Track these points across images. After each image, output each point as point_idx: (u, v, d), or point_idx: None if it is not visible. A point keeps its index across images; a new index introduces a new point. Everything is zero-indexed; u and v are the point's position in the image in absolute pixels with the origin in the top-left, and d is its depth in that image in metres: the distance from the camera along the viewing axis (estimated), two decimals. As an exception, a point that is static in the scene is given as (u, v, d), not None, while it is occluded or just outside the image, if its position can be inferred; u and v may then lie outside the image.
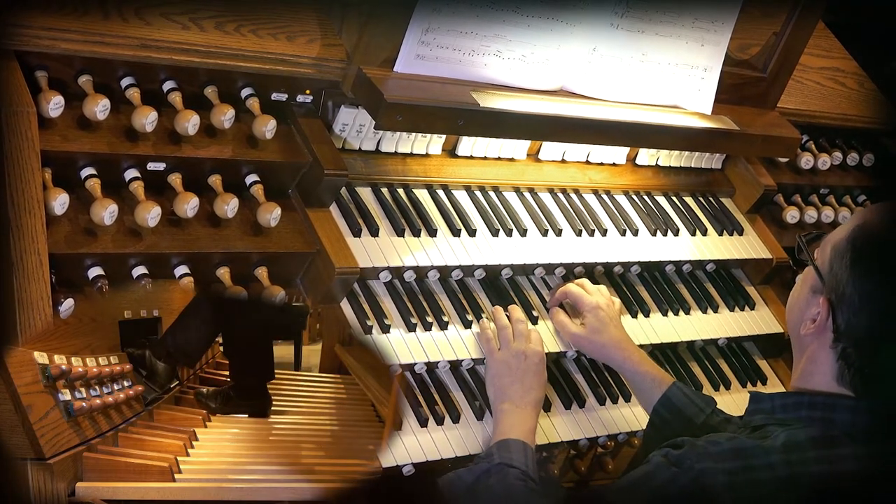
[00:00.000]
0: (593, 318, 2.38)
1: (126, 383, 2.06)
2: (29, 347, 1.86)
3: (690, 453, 1.71)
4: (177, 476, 1.94)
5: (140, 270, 2.10)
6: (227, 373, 2.56)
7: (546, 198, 2.69)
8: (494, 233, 2.52)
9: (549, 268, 2.57)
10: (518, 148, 2.67)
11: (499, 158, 2.65)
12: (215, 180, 2.20)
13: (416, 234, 2.39)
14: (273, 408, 2.48)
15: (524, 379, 2.21)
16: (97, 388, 1.96)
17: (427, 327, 2.31)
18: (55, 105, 1.98)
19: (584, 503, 1.84)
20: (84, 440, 1.89)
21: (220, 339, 2.45)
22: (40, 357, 1.87)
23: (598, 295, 2.44)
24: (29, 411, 1.80)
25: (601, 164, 2.83)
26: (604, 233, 2.70)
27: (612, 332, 2.36)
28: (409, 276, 2.36)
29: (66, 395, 1.87)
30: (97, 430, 1.93)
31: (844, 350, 1.79)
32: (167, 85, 2.15)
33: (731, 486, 1.67)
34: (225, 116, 2.17)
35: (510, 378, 2.22)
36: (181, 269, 2.13)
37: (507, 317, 2.36)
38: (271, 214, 2.20)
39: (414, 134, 2.47)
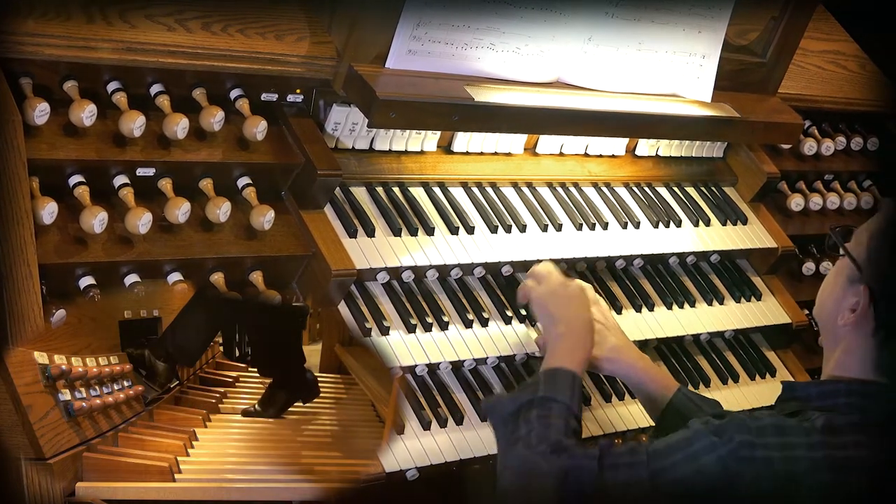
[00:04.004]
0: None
1: (126, 383, 2.05)
2: (29, 347, 1.85)
3: (731, 425, 1.69)
4: (177, 476, 1.94)
5: (132, 278, 2.08)
6: (227, 372, 2.59)
7: (545, 192, 2.66)
8: (493, 230, 2.48)
9: (550, 263, 2.53)
10: (515, 142, 2.63)
11: (495, 153, 2.62)
12: (206, 184, 2.17)
13: (413, 233, 2.36)
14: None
15: (571, 303, 2.15)
16: (97, 388, 1.96)
17: (427, 328, 2.28)
18: (41, 112, 1.95)
19: (621, 457, 1.77)
20: (84, 440, 1.88)
21: (219, 339, 2.45)
22: (40, 357, 1.86)
23: (595, 308, 2.32)
24: (29, 411, 1.79)
25: (600, 156, 2.80)
26: (605, 226, 2.66)
27: (610, 342, 2.30)
28: (408, 276, 2.32)
29: (66, 395, 1.87)
30: (97, 430, 1.92)
31: (887, 338, 1.77)
32: (154, 88, 2.12)
33: (768, 461, 1.66)
34: (214, 119, 2.14)
35: (557, 304, 2.15)
36: (174, 276, 2.10)
37: None
38: (264, 217, 2.17)
39: (408, 131, 2.44)
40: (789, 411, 1.82)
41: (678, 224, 2.81)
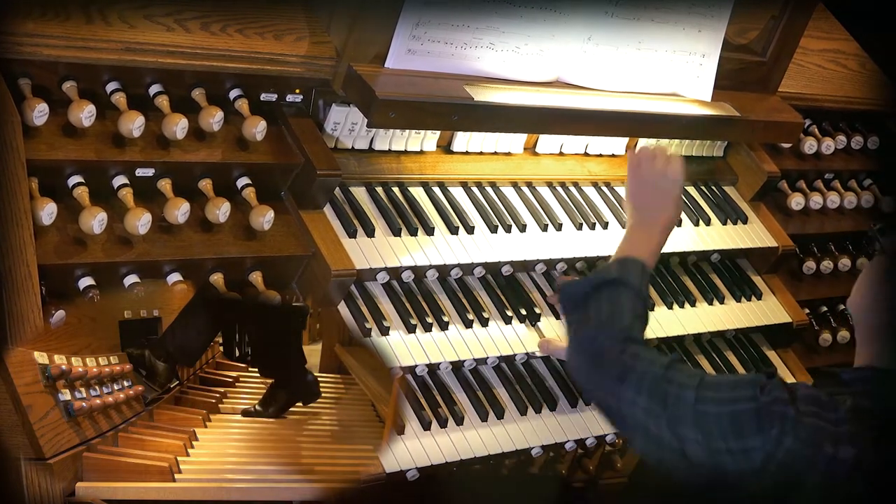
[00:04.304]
0: None
1: (126, 383, 2.06)
2: (29, 347, 1.85)
3: (774, 384, 1.79)
4: (177, 476, 1.94)
5: (132, 279, 2.07)
6: (227, 372, 2.59)
7: (545, 192, 2.66)
8: (493, 229, 2.48)
9: (550, 263, 2.53)
10: (514, 142, 2.63)
11: (495, 153, 2.62)
12: (206, 184, 2.16)
13: (413, 233, 2.36)
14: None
15: (657, 197, 2.23)
16: (97, 388, 1.96)
17: (427, 328, 2.27)
18: (39, 113, 1.95)
19: (681, 374, 1.85)
20: (84, 440, 1.88)
21: (219, 339, 2.44)
22: (40, 357, 1.86)
23: None
24: (29, 411, 1.79)
25: (600, 155, 2.80)
26: (605, 226, 2.66)
27: None
28: (408, 276, 2.32)
29: (66, 395, 1.87)
30: (97, 430, 1.92)
31: None
32: (153, 89, 2.11)
33: (796, 421, 1.72)
34: (213, 119, 2.13)
35: (645, 197, 2.24)
36: (174, 276, 2.10)
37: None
38: (264, 218, 2.16)
39: (407, 131, 2.43)
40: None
41: (678, 223, 2.80)
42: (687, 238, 2.80)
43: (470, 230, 2.44)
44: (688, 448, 1.77)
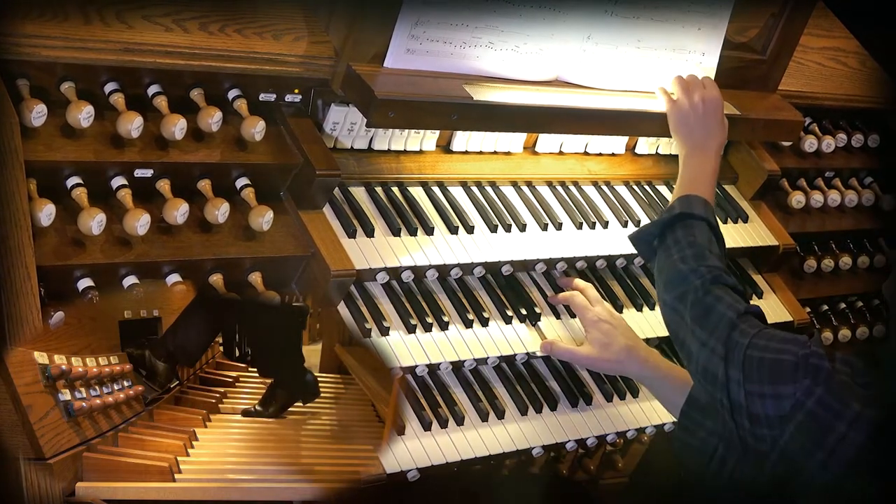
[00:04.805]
0: (598, 332, 2.35)
1: (126, 383, 2.05)
2: (29, 347, 1.85)
3: (817, 340, 1.91)
4: (177, 476, 1.94)
5: (131, 280, 2.06)
6: (227, 372, 2.58)
7: (544, 191, 2.65)
8: (493, 229, 2.47)
9: (550, 263, 2.52)
10: (514, 141, 2.63)
11: (495, 152, 2.61)
12: (205, 185, 2.16)
13: (413, 233, 2.35)
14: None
15: (703, 124, 2.39)
16: (97, 388, 1.96)
17: (427, 328, 2.27)
18: (38, 114, 1.94)
19: (746, 321, 1.97)
20: (84, 440, 1.88)
21: (219, 339, 2.44)
22: (40, 357, 1.86)
23: (599, 307, 2.39)
24: (29, 411, 1.79)
25: (600, 154, 2.79)
26: (605, 225, 2.65)
27: (620, 341, 2.32)
28: (407, 276, 2.32)
29: (66, 395, 1.87)
30: (97, 430, 1.92)
31: None
32: (152, 89, 2.11)
33: (831, 372, 1.82)
34: (212, 119, 2.13)
35: (688, 127, 2.40)
36: (173, 277, 2.10)
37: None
38: (263, 218, 2.16)
39: (407, 130, 2.43)
40: None
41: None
42: (687, 237, 2.79)
43: (470, 230, 2.44)
44: (731, 388, 1.87)
